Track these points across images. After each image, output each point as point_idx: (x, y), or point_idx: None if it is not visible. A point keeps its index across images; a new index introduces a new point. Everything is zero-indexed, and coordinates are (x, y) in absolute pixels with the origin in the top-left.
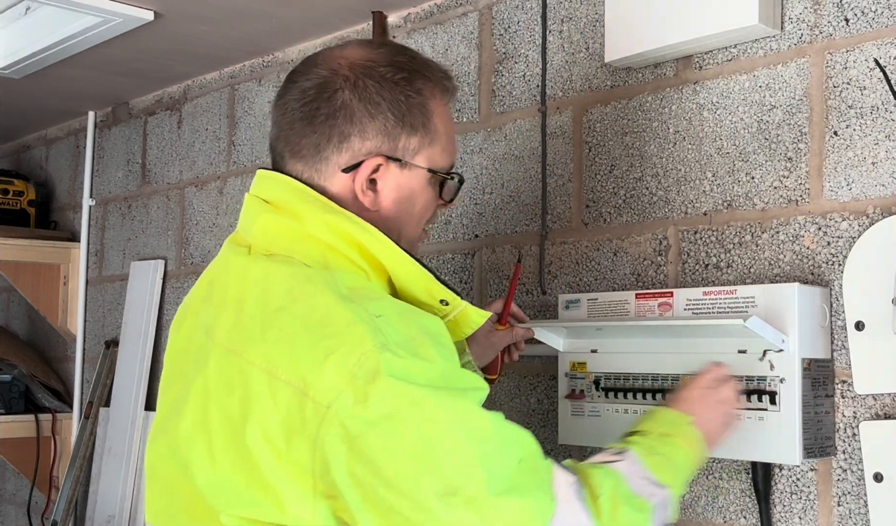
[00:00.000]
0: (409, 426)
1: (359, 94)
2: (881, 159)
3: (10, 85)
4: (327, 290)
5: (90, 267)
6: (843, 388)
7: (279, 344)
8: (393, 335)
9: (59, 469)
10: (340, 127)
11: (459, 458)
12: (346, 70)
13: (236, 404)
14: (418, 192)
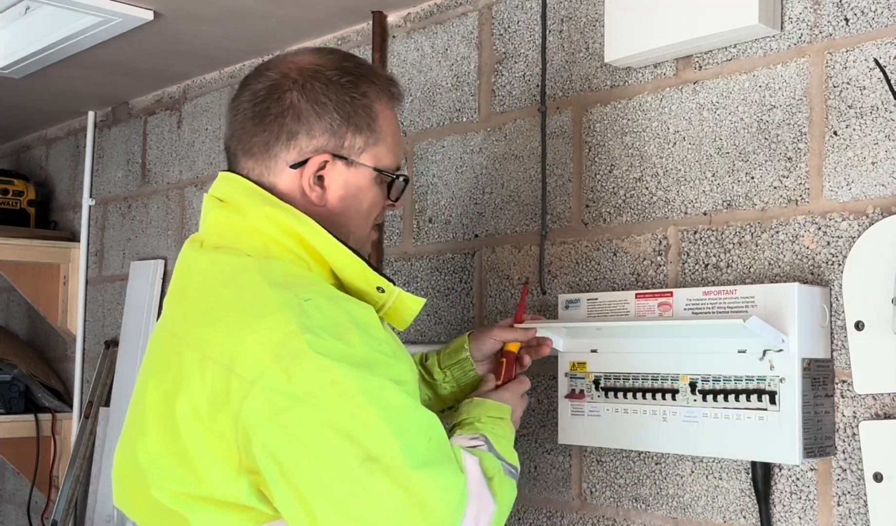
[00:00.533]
0: (330, 401)
1: (306, 95)
2: (881, 159)
3: (10, 85)
4: (260, 276)
5: (90, 267)
6: (842, 387)
7: (211, 325)
8: (318, 318)
9: (58, 469)
10: (288, 126)
11: (377, 431)
12: (294, 73)
13: (170, 383)
14: (365, 189)
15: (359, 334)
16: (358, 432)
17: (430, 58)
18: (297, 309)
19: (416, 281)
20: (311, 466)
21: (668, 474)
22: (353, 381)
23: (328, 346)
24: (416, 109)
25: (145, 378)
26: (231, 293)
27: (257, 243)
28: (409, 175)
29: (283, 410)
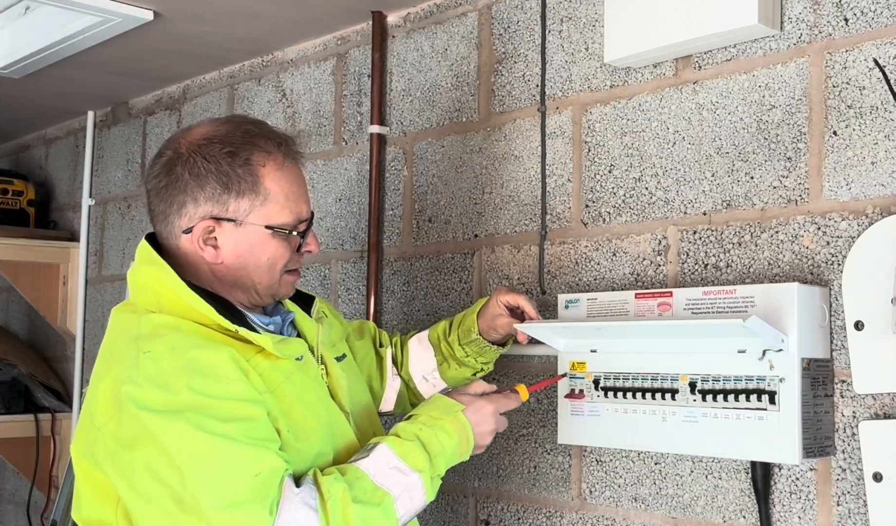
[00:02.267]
0: (145, 447)
1: (189, 169)
2: (880, 159)
3: (10, 85)
4: (124, 333)
5: (90, 267)
6: (842, 387)
7: (91, 386)
8: (148, 369)
9: (58, 468)
10: (178, 197)
11: (179, 474)
12: (183, 149)
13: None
14: (260, 245)
15: (189, 380)
16: (166, 476)
17: (429, 58)
18: (132, 361)
19: (415, 281)
20: (139, 503)
21: (667, 474)
22: (161, 429)
23: (145, 395)
24: (416, 109)
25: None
26: (103, 352)
27: (150, 298)
28: (409, 175)
29: (115, 454)
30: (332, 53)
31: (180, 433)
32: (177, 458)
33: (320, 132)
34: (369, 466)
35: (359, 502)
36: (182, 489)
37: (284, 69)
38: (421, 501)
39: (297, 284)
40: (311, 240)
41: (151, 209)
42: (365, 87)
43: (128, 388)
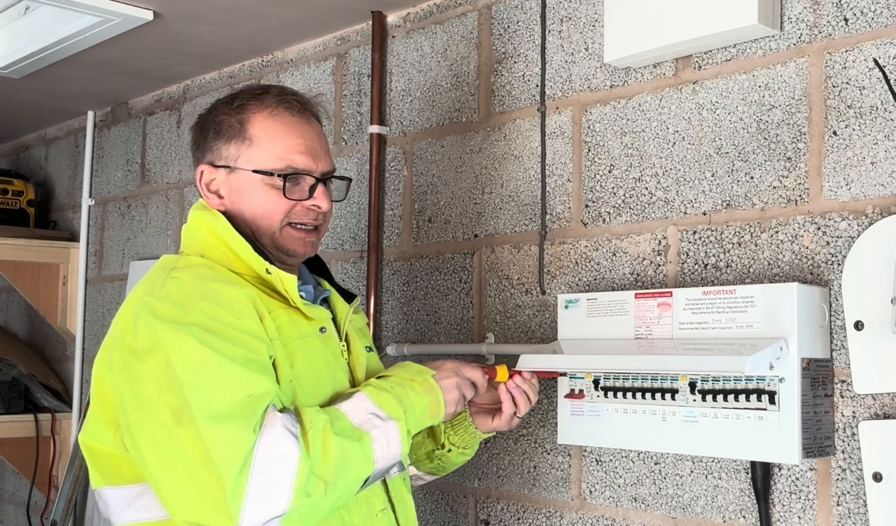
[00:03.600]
0: (155, 356)
1: (195, 128)
2: (880, 159)
3: (10, 85)
4: (161, 265)
5: (89, 267)
6: (842, 387)
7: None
8: (170, 288)
9: (58, 469)
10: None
11: (178, 382)
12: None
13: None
14: (250, 191)
15: (204, 305)
16: (168, 385)
17: (429, 58)
18: (159, 282)
19: (415, 281)
20: (141, 413)
21: (667, 474)
22: (168, 339)
23: (161, 308)
24: (416, 109)
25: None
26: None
27: (195, 244)
28: (409, 175)
29: (128, 363)
30: (331, 53)
31: (184, 344)
32: (177, 367)
33: None
34: (348, 409)
35: (339, 435)
36: (178, 399)
37: (284, 69)
38: (397, 449)
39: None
40: (320, 195)
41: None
42: (365, 87)
43: (148, 299)
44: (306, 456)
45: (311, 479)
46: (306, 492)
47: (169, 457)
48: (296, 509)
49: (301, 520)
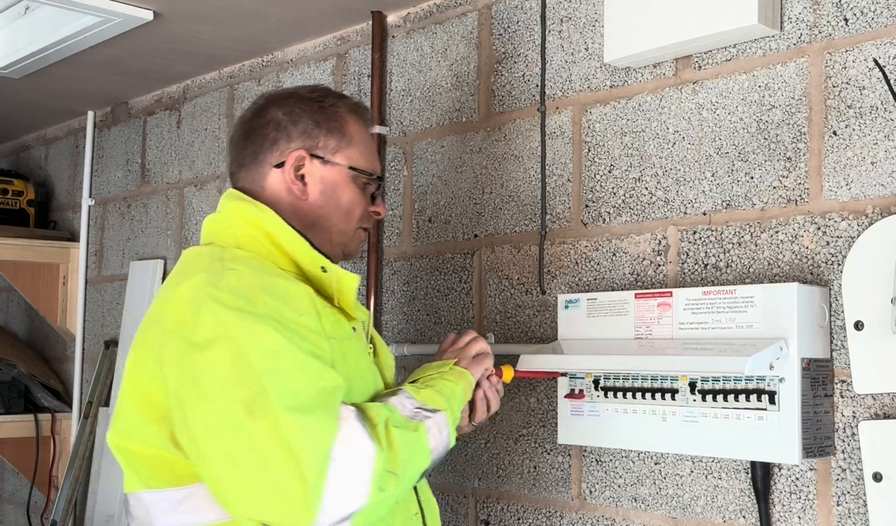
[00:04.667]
0: (221, 346)
1: (283, 109)
2: (880, 159)
3: (10, 85)
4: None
5: (89, 267)
6: (842, 387)
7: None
8: (231, 281)
9: (58, 469)
10: (271, 134)
11: (255, 373)
12: (275, 97)
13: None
14: (342, 186)
15: (266, 299)
16: (238, 376)
17: (429, 58)
18: (216, 272)
19: (415, 281)
20: (200, 404)
21: (667, 474)
22: (241, 328)
23: (227, 299)
24: (416, 109)
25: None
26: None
27: (229, 236)
28: (409, 175)
29: (183, 355)
30: (331, 53)
31: (259, 332)
32: (252, 356)
33: None
34: (397, 404)
35: (399, 427)
36: (252, 389)
37: (284, 69)
38: (447, 437)
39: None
40: (380, 203)
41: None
42: (365, 88)
43: (210, 290)
44: (380, 450)
45: (384, 473)
46: (380, 486)
47: (236, 451)
48: (371, 505)
49: (367, 517)
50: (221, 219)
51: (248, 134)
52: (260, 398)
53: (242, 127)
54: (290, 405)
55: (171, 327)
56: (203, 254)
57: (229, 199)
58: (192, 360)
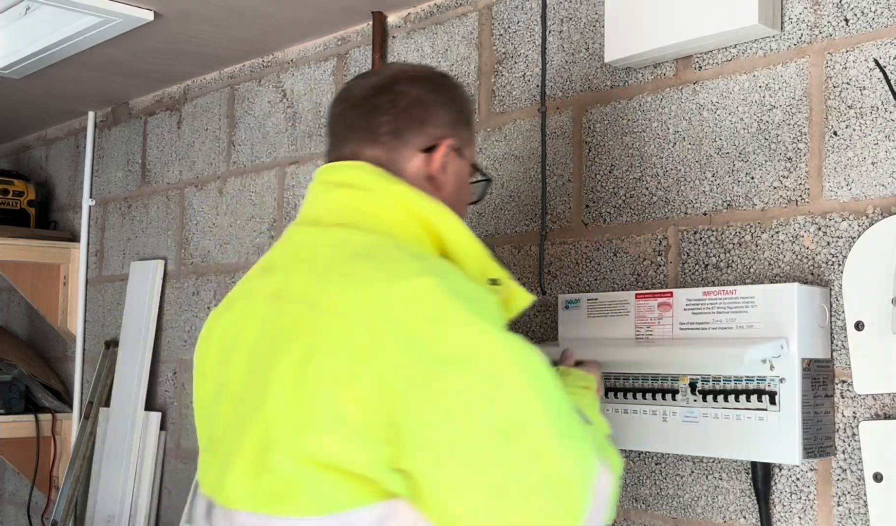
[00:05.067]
0: (479, 364)
1: (426, 88)
2: (881, 159)
3: (10, 85)
4: (396, 249)
5: (90, 267)
6: (842, 388)
7: (352, 291)
8: (463, 285)
9: (58, 469)
10: (418, 114)
11: (524, 396)
12: (408, 73)
13: (301, 349)
14: (465, 181)
15: (495, 310)
16: (505, 398)
17: (430, 58)
18: (438, 276)
19: None
20: (453, 431)
21: (668, 474)
22: (503, 344)
23: (470, 306)
24: None
25: (258, 349)
26: (369, 263)
27: (381, 223)
28: None
29: (429, 371)
30: (332, 54)
31: (517, 348)
32: (513, 374)
33: (320, 132)
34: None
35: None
36: (515, 411)
37: (285, 69)
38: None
39: None
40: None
41: (366, 125)
42: None
43: (458, 300)
44: (616, 480)
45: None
46: (612, 508)
47: (497, 481)
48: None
49: None
50: (375, 201)
51: (381, 107)
52: (526, 422)
53: (371, 97)
54: (563, 431)
55: (401, 337)
56: (389, 246)
57: (377, 178)
58: (439, 377)
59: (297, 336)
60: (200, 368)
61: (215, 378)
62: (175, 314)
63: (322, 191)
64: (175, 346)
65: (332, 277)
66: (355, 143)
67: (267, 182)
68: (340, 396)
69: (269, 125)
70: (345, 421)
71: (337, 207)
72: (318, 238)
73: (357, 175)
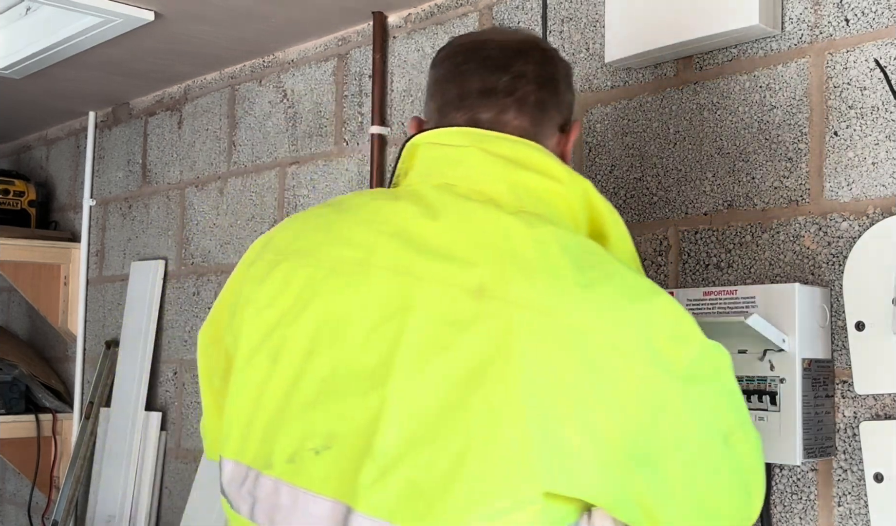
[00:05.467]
0: (719, 377)
1: (563, 64)
2: (881, 159)
3: (11, 85)
4: (617, 262)
5: (90, 267)
6: (843, 388)
7: (589, 305)
8: (679, 303)
9: (59, 469)
10: (562, 91)
11: (738, 400)
12: (544, 43)
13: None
14: None
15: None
16: (727, 405)
17: (430, 58)
18: (665, 294)
19: None
20: (681, 446)
21: None
22: (720, 350)
23: (697, 325)
24: (417, 110)
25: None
26: (599, 273)
27: (566, 217)
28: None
29: (679, 394)
30: (332, 54)
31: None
32: (734, 382)
33: (321, 133)
34: None
35: None
36: (736, 418)
37: (285, 70)
38: None
39: None
40: None
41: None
42: (366, 88)
43: (694, 321)
44: None
45: None
46: None
47: (705, 488)
48: None
49: None
50: (563, 192)
51: (526, 74)
52: (741, 425)
53: (513, 60)
54: (756, 432)
55: (649, 359)
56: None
57: (560, 166)
58: (677, 393)
59: (520, 349)
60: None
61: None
62: (175, 314)
63: (486, 162)
64: (175, 346)
65: (563, 286)
66: (496, 108)
67: (267, 182)
68: (568, 424)
69: (270, 125)
70: (570, 452)
71: (520, 191)
72: (515, 228)
73: (540, 159)
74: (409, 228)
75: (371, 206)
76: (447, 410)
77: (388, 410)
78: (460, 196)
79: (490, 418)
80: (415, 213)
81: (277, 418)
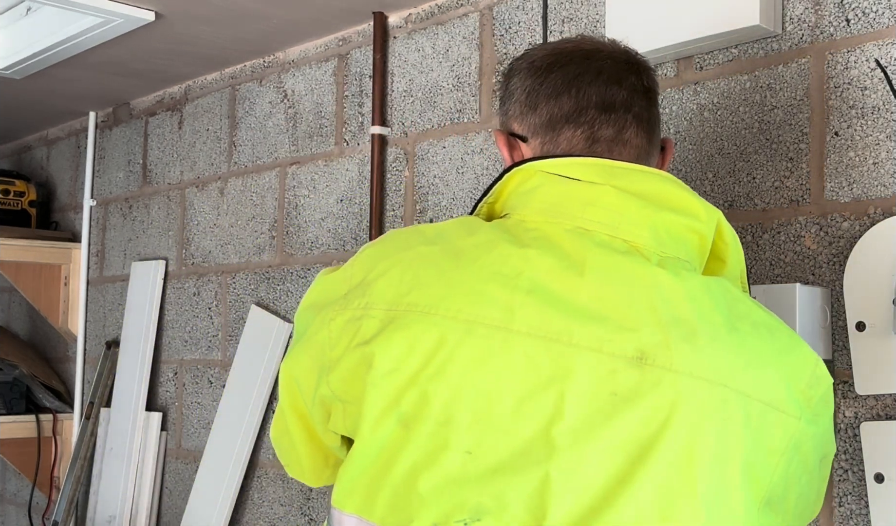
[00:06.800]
0: (831, 409)
1: (657, 81)
2: (882, 160)
3: (11, 85)
4: (755, 305)
5: (91, 267)
6: (843, 388)
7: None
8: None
9: (59, 469)
10: (658, 108)
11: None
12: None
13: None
14: None
15: None
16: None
17: (430, 58)
18: (800, 339)
19: None
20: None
21: None
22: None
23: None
24: (417, 110)
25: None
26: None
27: (699, 256)
28: (410, 176)
29: (820, 450)
30: (333, 54)
31: None
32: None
33: (321, 133)
34: None
35: None
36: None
37: (286, 70)
38: None
39: None
40: None
41: (641, 114)
42: (366, 88)
43: (828, 373)
44: None
45: None
46: None
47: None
48: None
49: None
50: (701, 230)
51: (649, 91)
52: (832, 445)
53: (632, 75)
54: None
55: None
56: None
57: (695, 199)
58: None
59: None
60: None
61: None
62: (176, 315)
63: (624, 205)
64: (176, 346)
65: (721, 348)
66: (617, 125)
67: (268, 182)
68: (735, 493)
69: (270, 125)
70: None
71: (662, 235)
72: (667, 284)
73: (678, 195)
74: (551, 286)
75: (495, 253)
76: (615, 485)
77: (554, 484)
78: (602, 245)
79: (661, 494)
80: (554, 266)
81: (411, 486)
